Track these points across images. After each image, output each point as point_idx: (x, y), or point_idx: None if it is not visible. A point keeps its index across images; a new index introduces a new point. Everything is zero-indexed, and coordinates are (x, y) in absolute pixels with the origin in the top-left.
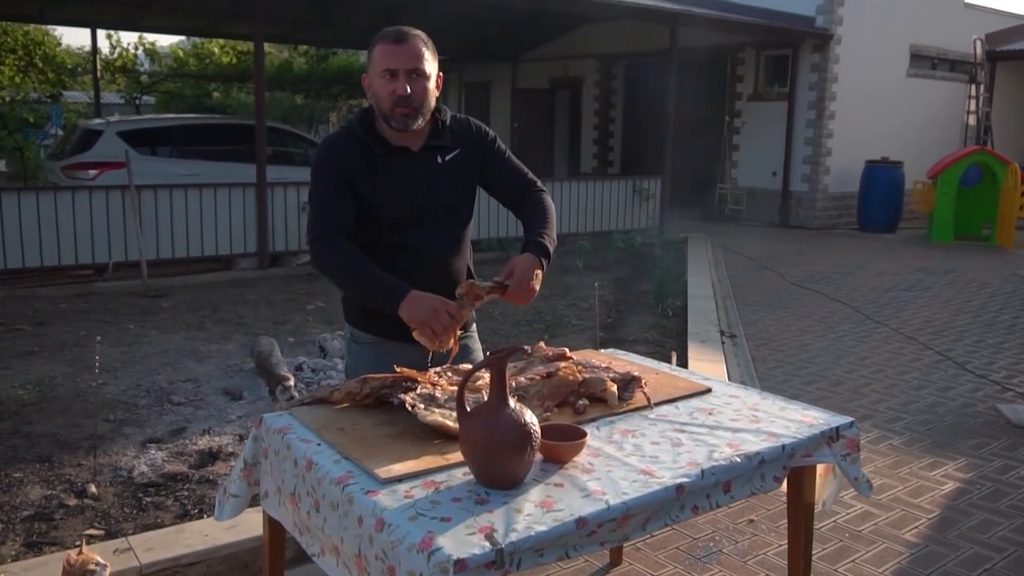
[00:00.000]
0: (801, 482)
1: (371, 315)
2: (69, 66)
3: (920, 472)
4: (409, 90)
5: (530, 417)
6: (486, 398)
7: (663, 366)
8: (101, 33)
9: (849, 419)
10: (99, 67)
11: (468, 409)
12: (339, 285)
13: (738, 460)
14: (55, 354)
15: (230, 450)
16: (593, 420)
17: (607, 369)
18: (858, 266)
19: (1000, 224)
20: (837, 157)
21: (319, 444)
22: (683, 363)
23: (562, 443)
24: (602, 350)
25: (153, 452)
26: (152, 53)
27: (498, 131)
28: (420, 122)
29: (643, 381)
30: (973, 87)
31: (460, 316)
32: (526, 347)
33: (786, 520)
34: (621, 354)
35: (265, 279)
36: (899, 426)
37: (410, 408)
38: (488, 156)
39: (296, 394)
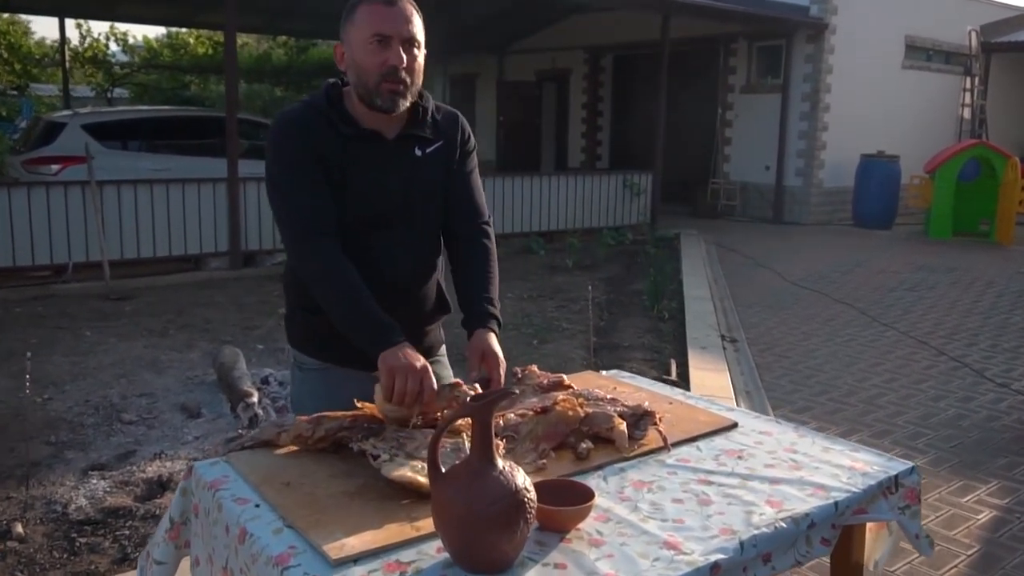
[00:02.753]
0: (850, 541)
1: (317, 336)
2: (37, 56)
3: (951, 498)
4: (404, 60)
5: (523, 480)
6: (467, 447)
7: (676, 392)
8: (70, 23)
9: (908, 464)
10: (68, 58)
11: (443, 470)
12: (324, 304)
13: (783, 525)
14: None
15: (180, 479)
16: (599, 468)
17: (613, 401)
18: (857, 264)
19: (999, 220)
20: (832, 151)
21: (257, 506)
22: (683, 372)
23: (563, 509)
24: (604, 372)
25: (95, 481)
26: (124, 43)
27: (484, 125)
28: (406, 103)
29: (657, 416)
30: (968, 79)
31: (430, 397)
32: (516, 391)
33: None
34: (626, 377)
35: (237, 280)
36: (921, 443)
37: (371, 460)
38: (460, 163)
39: (260, 411)
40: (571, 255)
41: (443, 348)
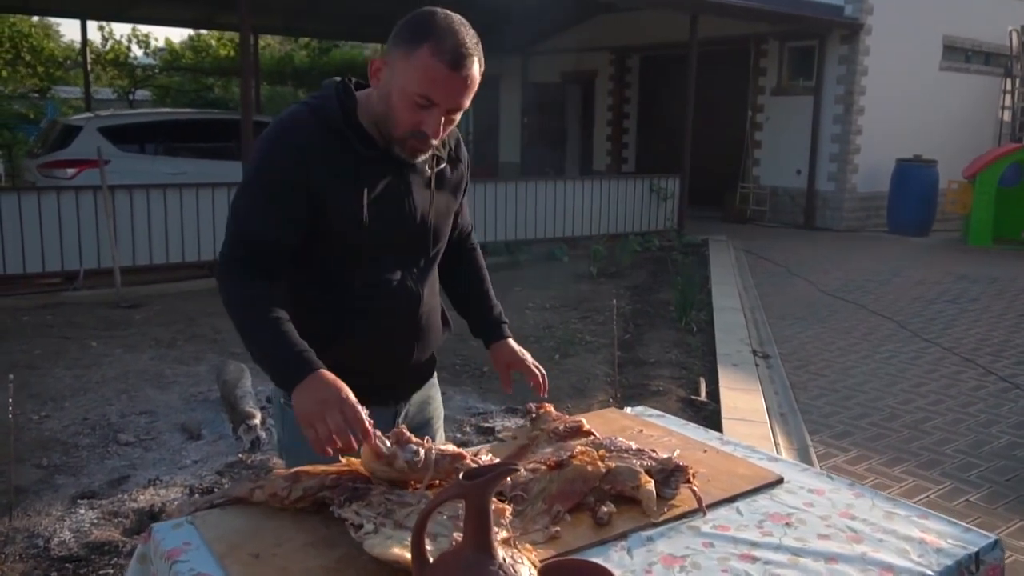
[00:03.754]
0: None
1: (324, 365)
2: (59, 59)
3: (1011, 542)
4: (442, 129)
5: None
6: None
7: (711, 437)
8: (93, 25)
9: (990, 537)
10: (90, 60)
11: (431, 558)
12: (239, 332)
13: None
14: None
15: (175, 508)
16: (623, 537)
17: (639, 453)
18: (894, 273)
19: None
20: (866, 155)
21: None
22: (713, 390)
23: None
24: (628, 409)
25: (82, 512)
26: (146, 45)
27: (507, 127)
28: (424, 157)
29: (690, 471)
30: (1008, 81)
31: (364, 431)
32: (519, 467)
33: None
34: (653, 416)
35: None
36: (974, 476)
37: (352, 533)
38: (463, 187)
39: (262, 434)
40: (595, 262)
41: (436, 368)
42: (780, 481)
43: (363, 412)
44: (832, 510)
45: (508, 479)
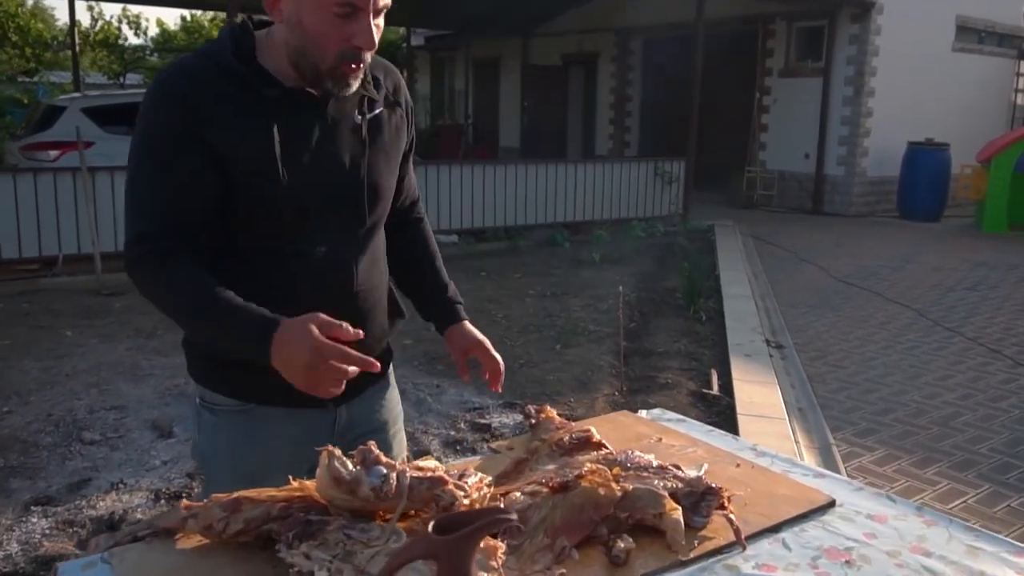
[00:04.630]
0: None
1: (234, 365)
2: (47, 39)
3: None
4: (375, 39)
5: None
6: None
7: (743, 447)
8: (82, 6)
9: None
10: (78, 41)
11: None
12: (178, 320)
13: None
14: None
15: (138, 516)
16: None
17: (663, 472)
18: (907, 259)
19: None
20: (876, 138)
21: None
22: (726, 383)
23: None
24: (643, 413)
25: (35, 520)
26: (137, 26)
27: (508, 110)
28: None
29: (724, 494)
30: (1022, 63)
31: (355, 360)
32: (512, 516)
33: None
34: (673, 421)
35: None
36: (1014, 478)
37: None
38: (409, 142)
39: None
40: (598, 248)
41: (391, 364)
42: (832, 504)
43: (344, 336)
44: (900, 543)
45: (501, 506)
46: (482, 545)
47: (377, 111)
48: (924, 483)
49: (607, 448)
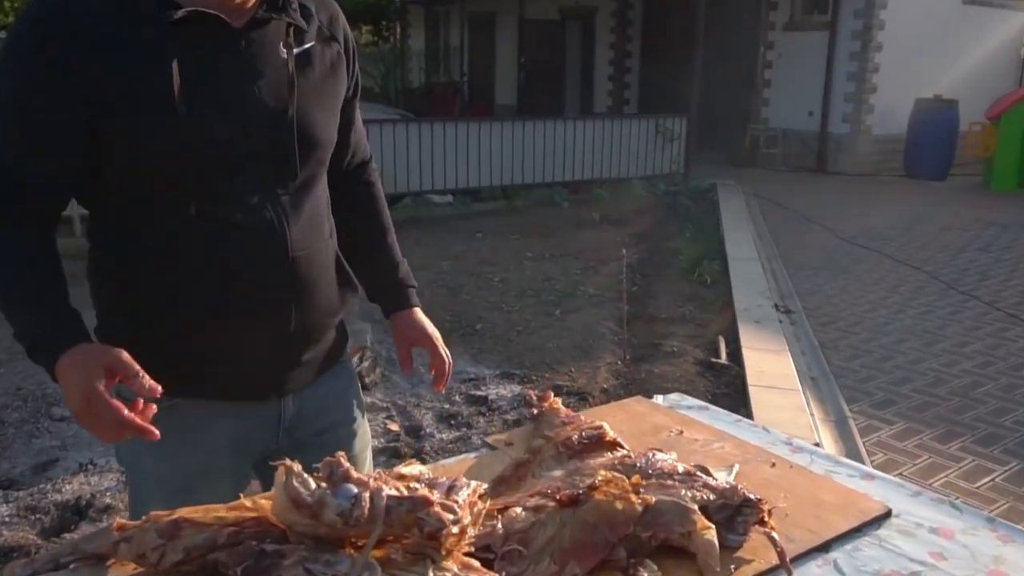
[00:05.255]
0: None
1: (157, 356)
2: None
3: None
4: None
5: None
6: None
7: (776, 440)
8: None
9: None
10: None
11: None
12: None
13: None
14: None
15: (107, 501)
16: None
17: (690, 480)
18: (916, 219)
19: None
20: (883, 95)
21: None
22: (734, 349)
23: None
24: (660, 398)
25: None
26: None
27: (504, 66)
28: None
29: (764, 507)
30: None
31: (131, 426)
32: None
33: None
34: (694, 409)
35: None
36: None
37: None
38: (352, 83)
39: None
40: (598, 208)
41: (347, 348)
42: (888, 515)
43: (139, 388)
44: (975, 566)
45: (498, 524)
46: None
47: (308, 45)
48: (948, 459)
49: (623, 449)
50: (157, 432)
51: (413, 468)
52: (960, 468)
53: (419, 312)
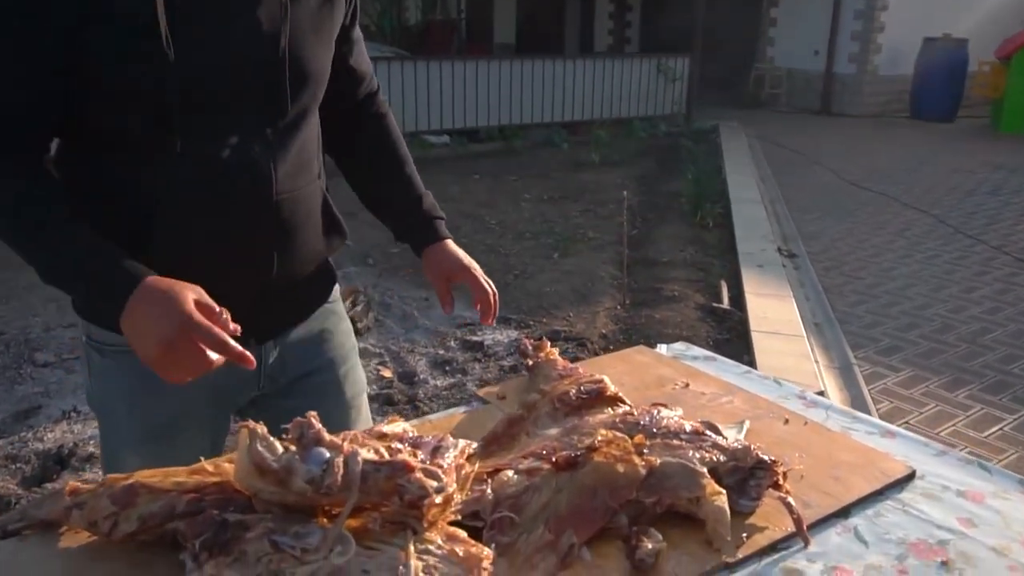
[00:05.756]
0: None
1: None
2: None
3: None
4: None
5: None
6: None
7: (788, 393)
8: None
9: None
10: None
11: None
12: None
13: None
14: None
15: (90, 449)
16: None
17: (699, 439)
18: (922, 162)
19: None
20: (890, 33)
21: None
22: (736, 294)
23: None
24: (663, 348)
25: None
26: None
27: (502, 4)
28: None
29: (779, 469)
30: None
31: (231, 353)
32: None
33: None
34: (700, 360)
35: None
36: None
37: None
38: (349, 10)
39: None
40: (598, 149)
41: (336, 290)
42: (911, 476)
43: (222, 326)
44: (1008, 534)
45: (487, 489)
46: (461, 554)
47: None
48: (955, 408)
49: (625, 404)
50: (254, 360)
51: (396, 426)
52: (968, 417)
53: (452, 244)
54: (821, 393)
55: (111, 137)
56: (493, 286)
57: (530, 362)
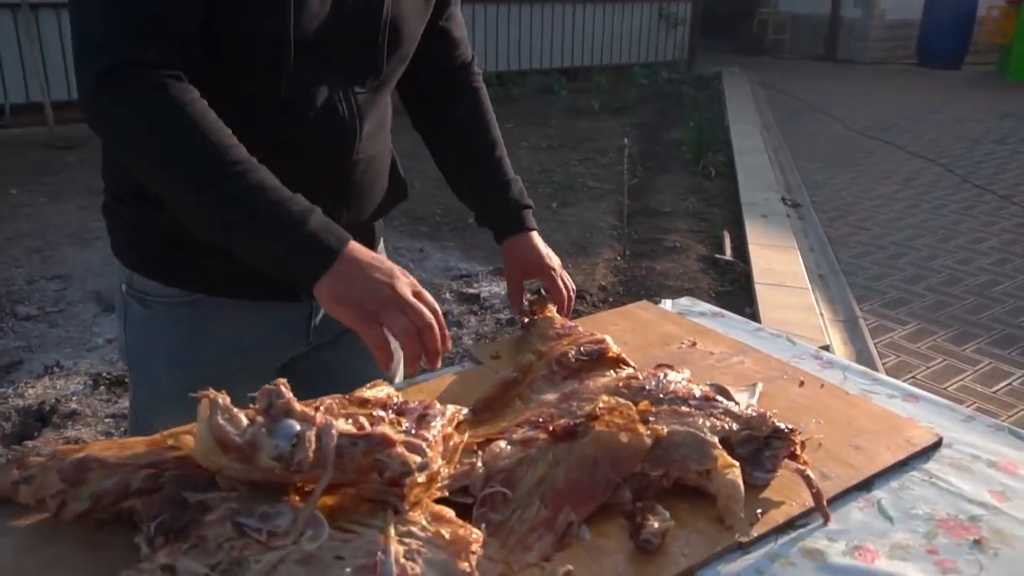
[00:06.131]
0: None
1: (175, 243)
2: None
3: None
4: None
5: None
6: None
7: (803, 353)
8: None
9: None
10: None
11: None
12: (172, 193)
13: None
14: None
15: (72, 406)
16: None
17: (709, 405)
18: (930, 110)
19: None
20: None
21: None
22: (739, 245)
23: None
24: (667, 303)
25: None
26: None
27: None
28: None
29: (798, 439)
30: None
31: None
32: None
33: None
34: (707, 316)
35: None
36: None
37: None
38: None
39: None
40: (597, 96)
41: (381, 244)
42: (938, 444)
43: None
44: None
45: (478, 462)
46: (447, 537)
47: None
48: (963, 362)
49: (629, 366)
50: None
51: (379, 391)
52: (976, 371)
53: (536, 237)
54: (826, 348)
55: (222, 77)
56: (572, 287)
57: (526, 319)
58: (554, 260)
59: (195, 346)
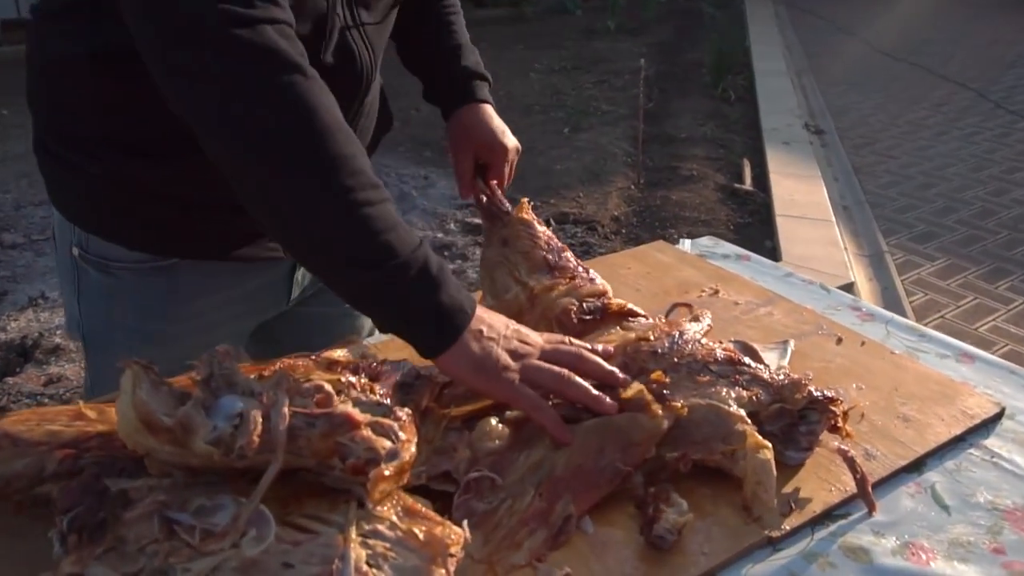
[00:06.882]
0: None
1: (145, 199)
2: None
3: None
4: None
5: None
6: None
7: (841, 302)
8: None
9: None
10: None
11: None
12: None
13: None
14: None
15: (56, 341)
16: None
17: (733, 368)
18: (960, 32)
19: None
20: None
21: None
22: (759, 174)
23: None
24: (686, 244)
25: None
26: None
27: None
28: None
29: (840, 408)
30: None
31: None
32: None
33: None
34: (731, 259)
35: None
36: None
37: None
38: None
39: None
40: (613, 15)
41: None
42: (1000, 415)
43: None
44: None
45: (463, 443)
46: (421, 537)
47: None
48: (996, 301)
49: (639, 316)
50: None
51: (352, 349)
52: (1009, 311)
53: (490, 110)
54: (850, 285)
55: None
56: (509, 174)
57: (484, 199)
58: (511, 141)
59: (170, 319)
